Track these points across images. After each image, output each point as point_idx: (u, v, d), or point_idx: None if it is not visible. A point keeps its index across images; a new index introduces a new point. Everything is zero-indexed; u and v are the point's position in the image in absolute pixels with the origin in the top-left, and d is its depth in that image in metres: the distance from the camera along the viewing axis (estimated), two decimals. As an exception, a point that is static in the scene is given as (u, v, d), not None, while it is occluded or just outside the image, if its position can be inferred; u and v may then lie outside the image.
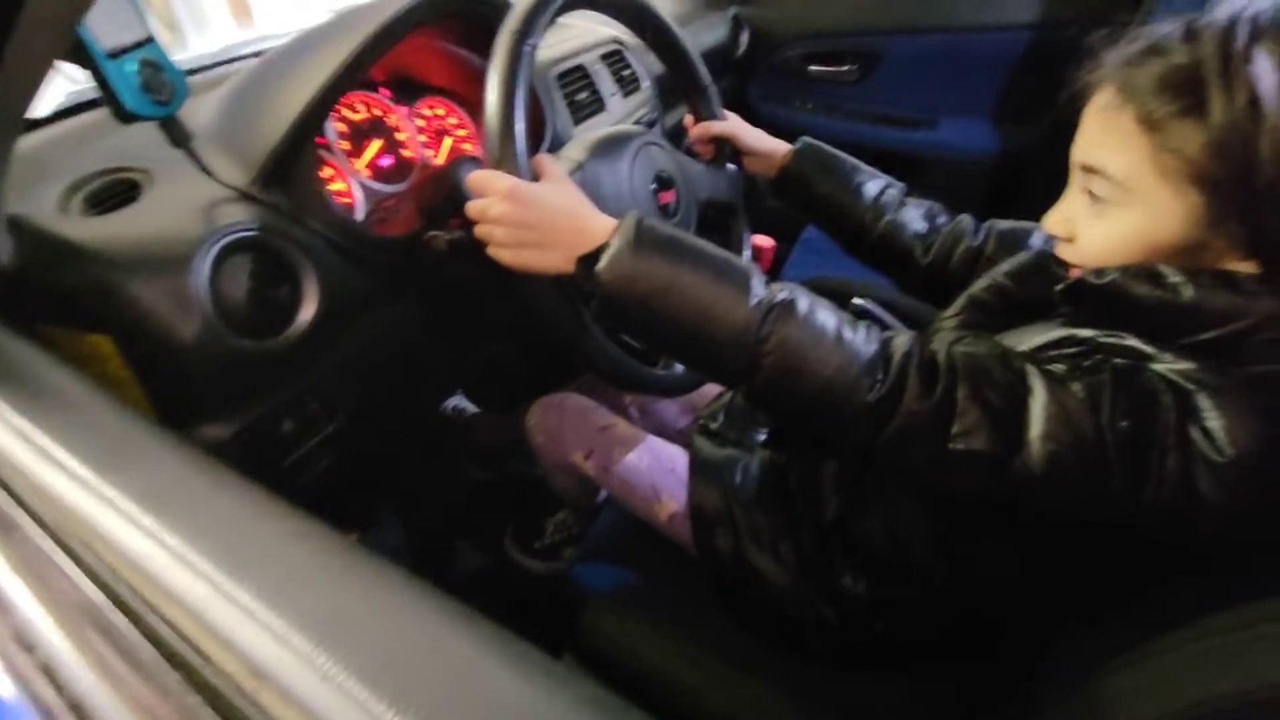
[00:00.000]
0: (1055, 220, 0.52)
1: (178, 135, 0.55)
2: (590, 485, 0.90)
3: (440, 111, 0.93)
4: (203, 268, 0.53)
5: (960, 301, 0.65)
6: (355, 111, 0.83)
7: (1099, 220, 0.49)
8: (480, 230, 0.54)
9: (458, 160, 0.66)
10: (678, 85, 0.79)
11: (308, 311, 0.62)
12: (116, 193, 0.56)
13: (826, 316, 0.47)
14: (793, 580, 0.67)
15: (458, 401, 1.40)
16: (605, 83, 1.09)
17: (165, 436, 0.37)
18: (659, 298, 0.48)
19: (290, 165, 0.62)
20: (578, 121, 1.01)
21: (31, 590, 0.30)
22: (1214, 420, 0.41)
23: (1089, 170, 0.48)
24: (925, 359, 0.46)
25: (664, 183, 0.70)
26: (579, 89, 1.03)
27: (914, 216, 0.77)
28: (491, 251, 0.54)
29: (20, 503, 0.33)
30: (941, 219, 0.77)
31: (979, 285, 0.64)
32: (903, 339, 0.47)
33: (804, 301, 0.47)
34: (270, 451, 0.65)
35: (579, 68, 1.05)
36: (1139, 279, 0.46)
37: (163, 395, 0.56)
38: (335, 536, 0.30)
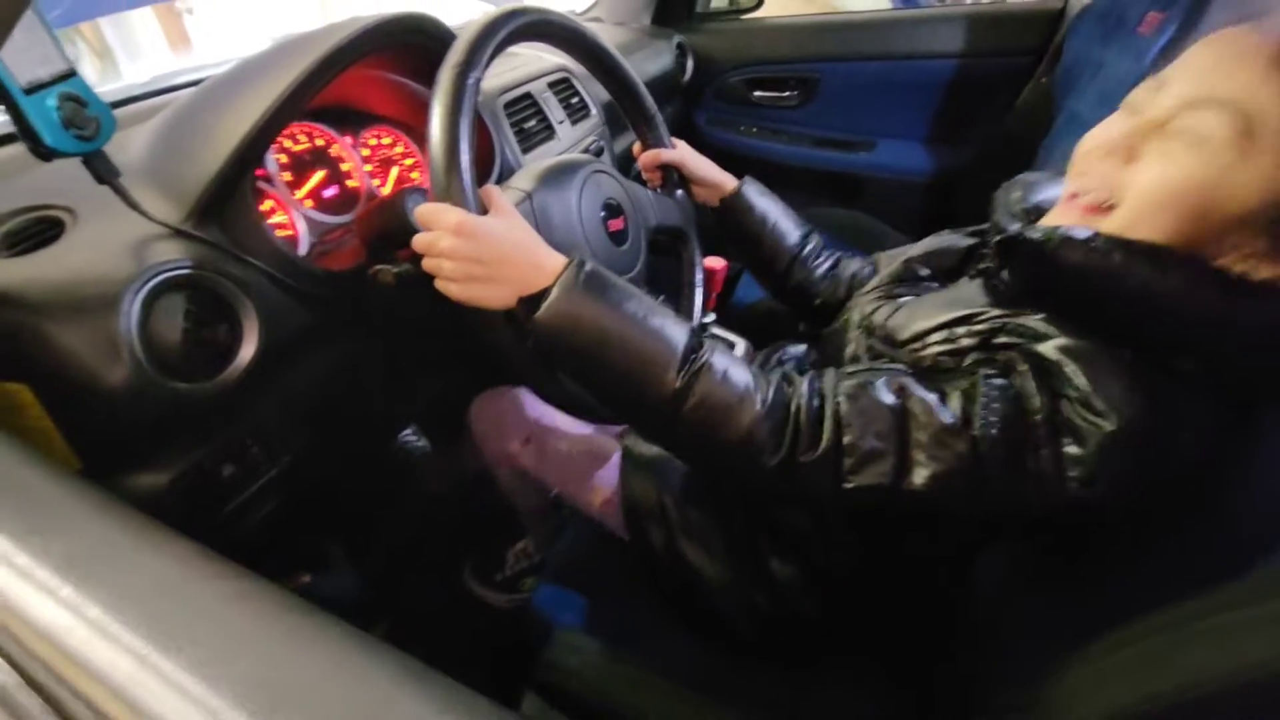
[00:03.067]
0: (1108, 135, 0.49)
1: (103, 171, 0.52)
2: (535, 482, 0.89)
3: (386, 141, 0.92)
4: (131, 309, 0.51)
5: (883, 274, 0.70)
6: (297, 142, 0.81)
7: (1167, 160, 0.44)
8: (428, 264, 0.53)
9: (404, 191, 0.65)
10: (625, 114, 0.80)
11: (247, 351, 0.59)
12: (36, 232, 0.53)
13: (739, 376, 0.49)
14: (723, 570, 0.68)
15: (410, 435, 1.36)
16: (554, 110, 1.10)
17: (88, 493, 0.35)
18: (593, 348, 0.49)
19: (227, 199, 0.60)
20: (527, 149, 1.01)
21: None
22: (1089, 393, 0.42)
23: (1193, 104, 0.43)
24: (812, 412, 0.48)
25: (613, 210, 0.70)
26: (527, 117, 1.03)
27: (826, 267, 0.84)
28: (439, 285, 0.53)
29: None
30: (843, 268, 0.84)
31: (899, 260, 0.70)
32: (798, 391, 0.49)
33: (720, 364, 0.49)
34: (210, 498, 0.62)
35: (527, 96, 1.05)
36: (1069, 246, 0.46)
37: (89, 445, 0.53)
38: (276, 594, 0.29)
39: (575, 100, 1.18)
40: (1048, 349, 0.45)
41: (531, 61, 1.15)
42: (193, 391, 0.56)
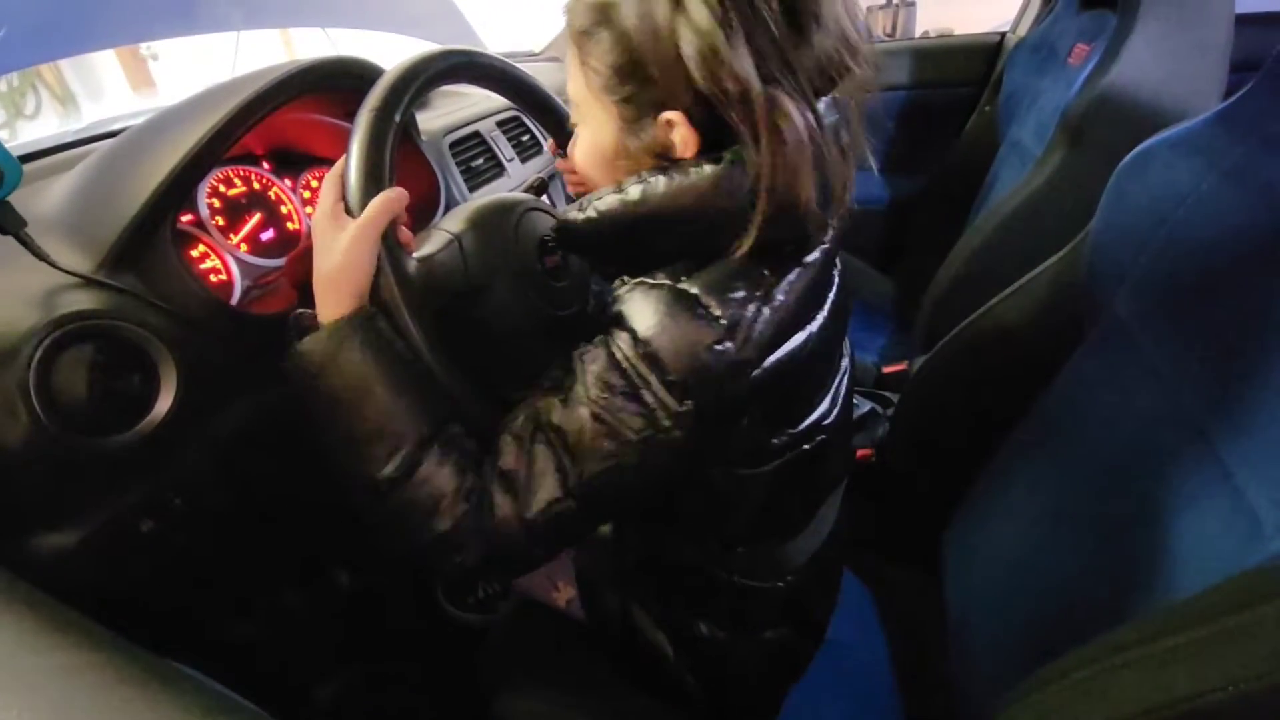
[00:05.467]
0: (554, 147, 0.61)
1: (7, 221, 0.51)
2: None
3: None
4: (29, 363, 0.49)
5: None
6: (232, 186, 0.80)
7: (578, 141, 0.56)
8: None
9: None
10: (550, 133, 0.79)
11: (164, 401, 0.57)
12: (-68, 285, 0.52)
13: (446, 479, 0.49)
14: (657, 630, 0.67)
15: None
16: (503, 148, 1.10)
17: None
18: (329, 402, 0.49)
19: (144, 246, 0.59)
20: (475, 187, 1.01)
21: None
22: (634, 319, 0.46)
23: (567, 103, 0.56)
24: (487, 496, 0.49)
25: (549, 247, 0.70)
26: (475, 155, 1.04)
27: None
28: None
29: None
30: None
31: None
32: (473, 491, 0.49)
33: (437, 460, 0.49)
34: (128, 554, 0.60)
35: (475, 134, 1.06)
36: (572, 210, 0.52)
37: (-15, 506, 0.50)
38: (121, 661, 0.27)
39: (527, 138, 1.19)
40: (616, 306, 0.49)
41: (481, 100, 1.16)
42: (103, 446, 0.53)
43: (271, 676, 0.91)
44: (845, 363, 0.62)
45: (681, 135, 0.47)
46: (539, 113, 0.76)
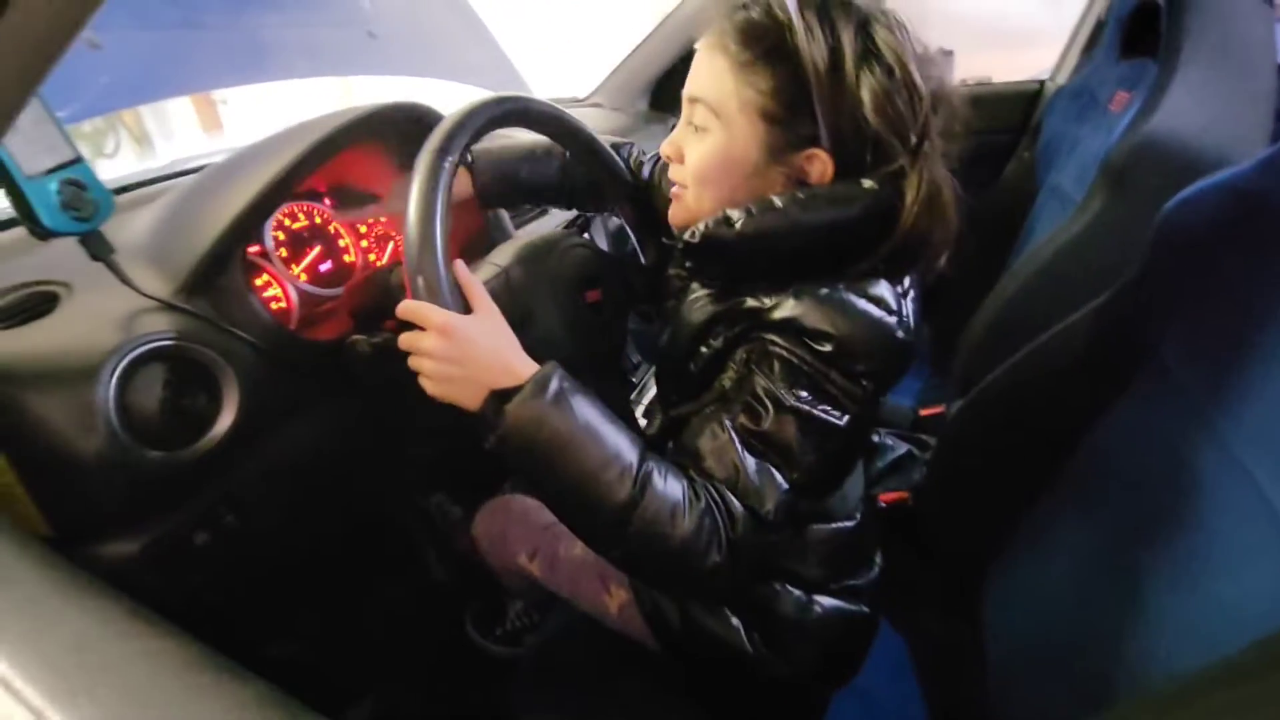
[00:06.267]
0: (666, 144, 0.62)
1: (98, 249, 0.56)
2: (541, 589, 0.87)
3: (384, 219, 0.96)
4: (110, 379, 0.53)
5: None
6: (296, 220, 0.85)
7: (697, 143, 0.58)
8: (412, 361, 0.55)
9: (387, 267, 0.68)
10: (605, 188, 0.83)
11: (226, 419, 0.61)
12: (29, 307, 0.56)
13: (675, 484, 0.52)
14: (733, 627, 0.68)
15: (443, 500, 1.35)
16: (547, 188, 1.14)
17: (26, 551, 0.35)
18: (553, 452, 0.50)
19: (217, 274, 0.63)
20: (520, 225, 1.05)
21: None
22: (816, 324, 0.52)
23: (692, 100, 0.58)
24: (716, 498, 0.52)
25: (590, 282, 0.72)
26: (520, 195, 1.08)
27: None
28: (421, 380, 0.55)
29: None
30: None
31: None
32: (701, 492, 0.52)
33: (661, 472, 0.52)
34: (181, 566, 0.62)
35: (520, 175, 1.10)
36: (719, 224, 0.55)
37: (60, 512, 0.54)
38: (186, 651, 0.29)
39: (570, 178, 1.23)
40: (774, 316, 0.54)
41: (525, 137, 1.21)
42: (167, 460, 0.57)
43: (306, 695, 0.92)
44: None
45: (820, 168, 0.55)
46: (585, 155, 0.79)
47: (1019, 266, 1.15)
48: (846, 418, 0.54)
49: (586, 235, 0.94)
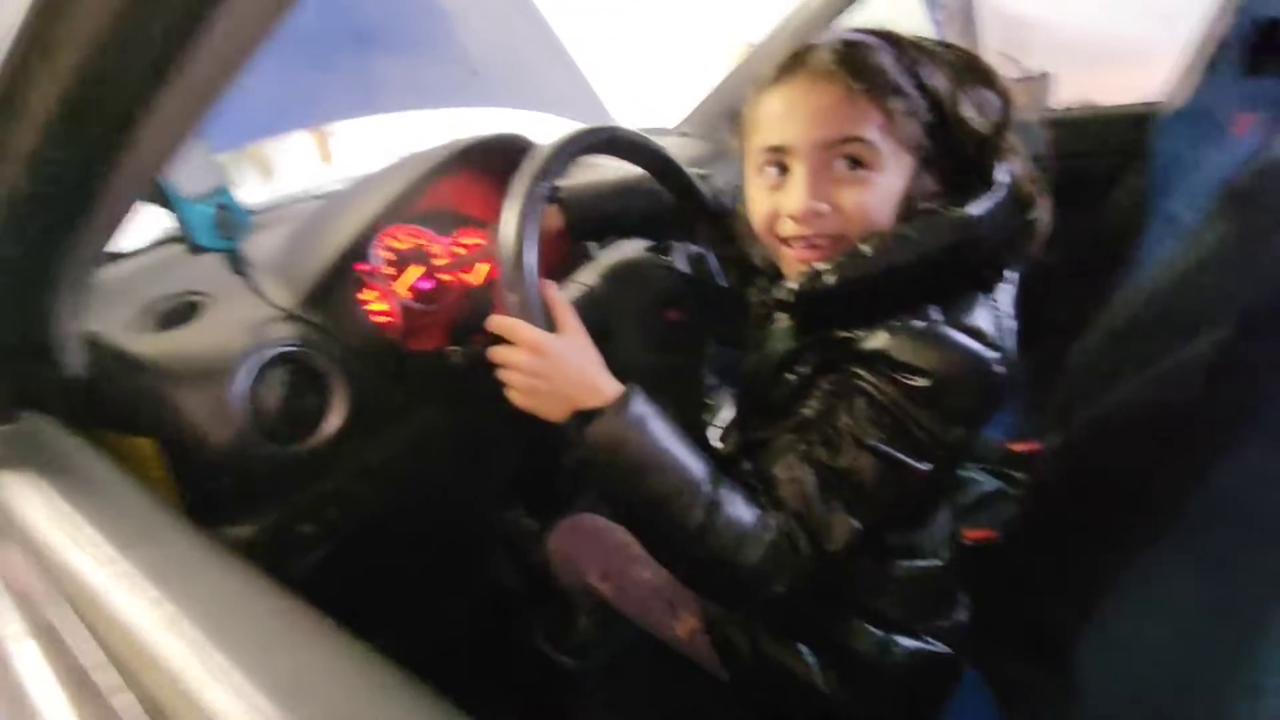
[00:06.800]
0: (807, 198, 0.56)
1: (237, 264, 0.63)
2: (611, 608, 0.88)
3: (479, 241, 1.02)
4: (242, 378, 0.59)
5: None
6: (400, 241, 0.92)
7: (859, 186, 0.55)
8: (501, 374, 0.58)
9: (485, 283, 0.72)
10: (690, 215, 0.85)
11: (334, 419, 0.67)
12: (180, 312, 0.64)
13: (746, 509, 0.52)
14: (807, 662, 0.66)
15: (518, 513, 1.40)
16: (631, 211, 1.18)
17: (179, 521, 0.40)
18: (631, 474, 0.52)
19: (332, 289, 0.70)
20: (605, 244, 1.09)
21: (43, 653, 0.33)
22: (909, 359, 0.50)
23: (835, 143, 0.55)
24: (785, 529, 0.52)
25: (671, 301, 0.74)
26: (606, 218, 1.12)
27: None
28: (508, 392, 0.58)
29: (44, 573, 0.37)
30: None
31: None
32: (770, 522, 0.52)
33: (731, 497, 0.53)
34: (288, 553, 0.68)
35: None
36: (810, 279, 0.55)
37: (194, 495, 0.60)
38: (305, 612, 0.33)
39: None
40: (864, 347, 0.52)
41: (613, 171, 1.26)
42: (282, 453, 0.63)
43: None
44: None
45: (924, 186, 0.56)
46: (671, 183, 0.82)
47: (1127, 295, 1.09)
48: (929, 465, 0.52)
49: (668, 257, 0.96)
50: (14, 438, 0.50)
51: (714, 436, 0.91)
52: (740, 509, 0.52)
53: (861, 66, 0.54)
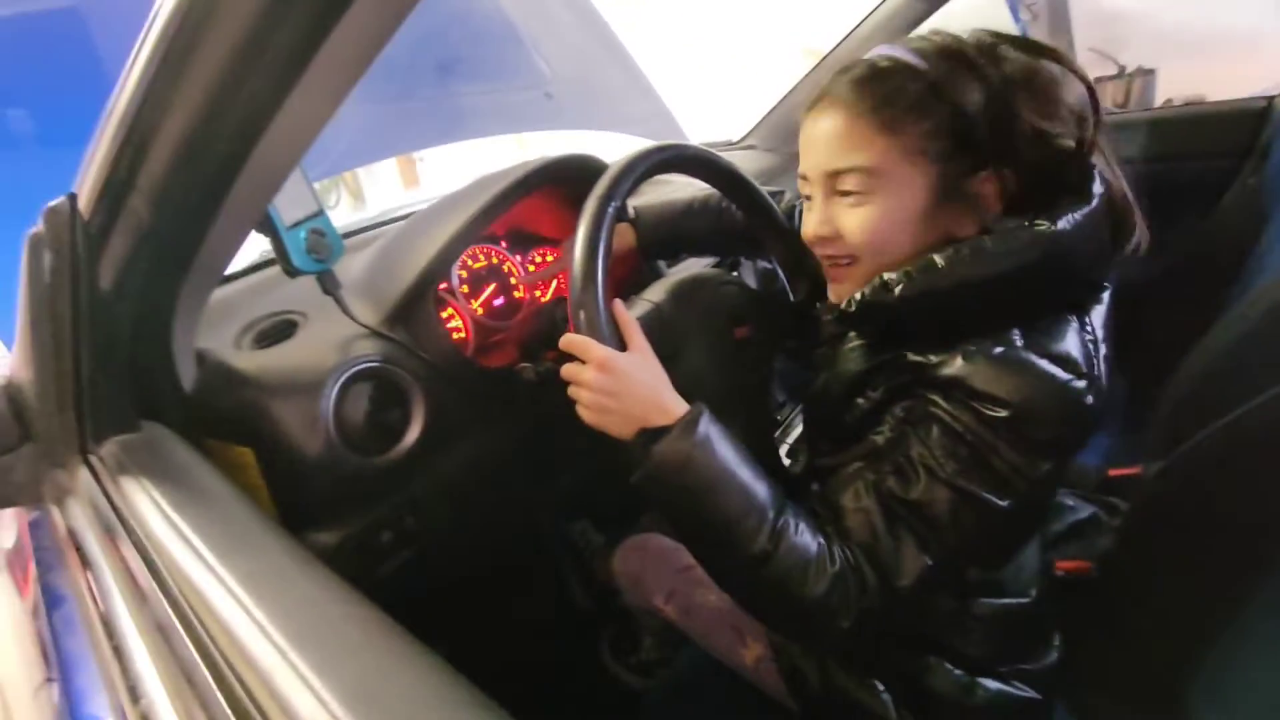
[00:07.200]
0: (816, 225, 0.58)
1: (329, 285, 0.67)
2: (676, 629, 0.88)
3: (550, 259, 1.05)
4: (331, 393, 0.63)
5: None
6: (477, 261, 0.96)
7: (859, 210, 0.55)
8: (571, 390, 0.59)
9: (552, 302, 0.75)
10: (757, 231, 0.85)
11: (413, 432, 0.70)
12: (278, 330, 0.69)
13: (810, 538, 0.51)
14: (880, 699, 0.63)
15: (585, 527, 1.42)
16: (699, 229, 1.19)
17: (272, 530, 0.43)
18: (695, 494, 0.51)
19: (414, 308, 0.73)
20: (673, 262, 1.10)
21: (149, 648, 0.36)
22: (988, 387, 0.47)
23: (837, 173, 0.55)
24: (852, 563, 0.51)
25: (740, 318, 0.74)
26: (673, 235, 1.13)
27: None
28: (577, 409, 0.59)
29: (155, 575, 0.41)
30: None
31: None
32: (836, 554, 0.51)
33: (796, 525, 0.51)
34: (370, 560, 0.71)
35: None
36: (877, 290, 0.53)
37: (286, 503, 0.65)
38: (376, 614, 0.35)
39: (721, 219, 1.27)
40: (940, 373, 0.50)
41: (684, 187, 1.27)
42: (366, 464, 0.66)
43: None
44: None
45: (994, 189, 0.54)
46: (739, 198, 0.82)
47: (1244, 309, 0.99)
48: (1009, 500, 0.49)
49: (736, 273, 0.96)
50: (136, 446, 0.56)
51: (784, 454, 0.89)
52: (806, 538, 0.51)
53: (871, 91, 0.53)
